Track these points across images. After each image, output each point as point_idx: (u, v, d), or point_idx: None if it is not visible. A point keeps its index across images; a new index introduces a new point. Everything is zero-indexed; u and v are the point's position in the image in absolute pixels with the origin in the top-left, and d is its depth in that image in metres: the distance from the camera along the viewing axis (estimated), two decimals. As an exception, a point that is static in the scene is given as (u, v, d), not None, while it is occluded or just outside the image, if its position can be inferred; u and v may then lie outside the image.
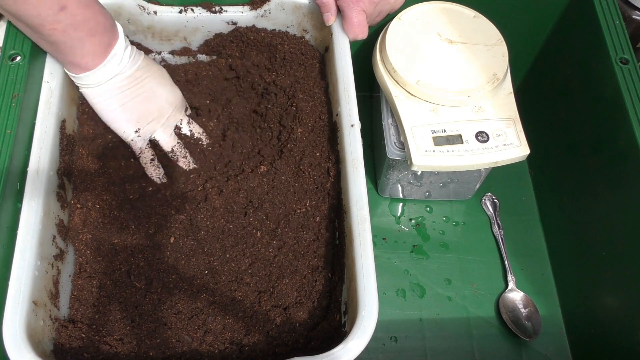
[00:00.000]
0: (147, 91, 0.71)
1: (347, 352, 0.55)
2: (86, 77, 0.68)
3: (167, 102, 0.73)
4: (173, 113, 0.74)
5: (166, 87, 0.74)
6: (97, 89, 0.69)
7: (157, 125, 0.73)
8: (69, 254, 0.67)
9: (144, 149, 0.73)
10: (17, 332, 0.55)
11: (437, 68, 0.77)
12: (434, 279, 0.88)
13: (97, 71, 0.67)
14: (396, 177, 0.87)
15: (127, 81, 0.70)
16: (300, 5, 0.78)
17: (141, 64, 0.71)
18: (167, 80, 0.75)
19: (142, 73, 0.71)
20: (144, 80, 0.71)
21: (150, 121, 0.72)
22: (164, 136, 0.74)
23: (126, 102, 0.70)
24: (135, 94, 0.70)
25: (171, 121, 0.75)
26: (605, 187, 0.77)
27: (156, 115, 0.72)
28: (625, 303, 0.74)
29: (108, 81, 0.68)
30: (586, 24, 0.79)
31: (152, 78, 0.72)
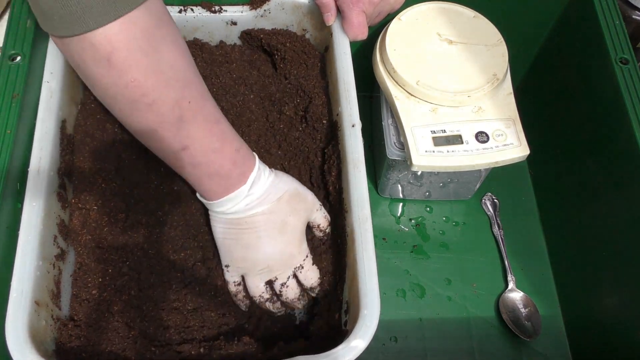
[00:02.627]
0: (250, 239, 0.68)
1: (349, 351, 0.55)
2: (204, 203, 0.68)
3: (265, 256, 0.69)
4: (268, 268, 0.69)
5: (276, 243, 0.69)
6: (211, 214, 0.69)
7: (247, 271, 0.70)
8: (70, 253, 0.67)
9: (230, 282, 0.71)
10: (20, 332, 0.55)
11: (437, 68, 0.77)
12: (434, 279, 0.88)
13: (211, 204, 0.67)
14: (396, 177, 0.87)
15: (235, 222, 0.68)
16: (300, 5, 0.78)
17: (261, 211, 0.67)
18: (284, 236, 0.69)
19: (257, 221, 0.67)
20: (255, 228, 0.68)
21: (239, 266, 0.70)
22: (251, 283, 0.70)
23: (227, 239, 0.69)
24: (238, 236, 0.68)
25: (264, 274, 0.70)
26: (605, 187, 0.77)
27: (249, 263, 0.69)
28: (625, 303, 0.74)
29: (220, 215, 0.68)
30: (586, 24, 0.80)
31: (266, 229, 0.68)
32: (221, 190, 0.65)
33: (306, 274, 0.71)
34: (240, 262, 0.69)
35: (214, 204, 0.66)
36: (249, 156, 0.67)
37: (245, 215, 0.67)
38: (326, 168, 0.72)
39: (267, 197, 0.68)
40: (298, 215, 0.70)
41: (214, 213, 0.68)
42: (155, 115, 0.58)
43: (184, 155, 0.61)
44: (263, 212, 0.67)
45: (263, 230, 0.68)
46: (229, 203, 0.66)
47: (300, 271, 0.70)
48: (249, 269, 0.69)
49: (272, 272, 0.70)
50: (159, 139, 0.60)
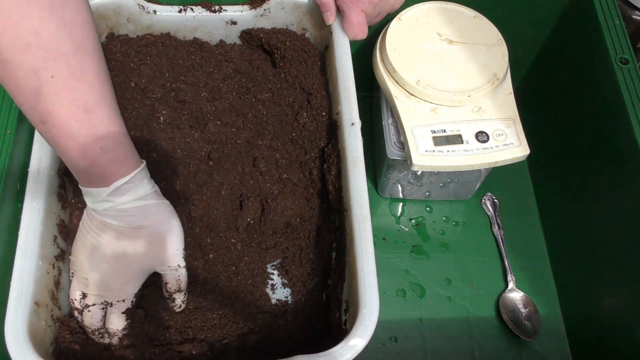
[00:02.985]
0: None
1: (348, 350, 0.55)
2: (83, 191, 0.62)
3: None
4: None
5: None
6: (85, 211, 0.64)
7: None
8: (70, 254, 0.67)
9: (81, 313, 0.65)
10: (20, 332, 0.55)
11: (437, 68, 0.77)
12: (434, 279, 0.88)
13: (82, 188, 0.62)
14: (396, 177, 0.87)
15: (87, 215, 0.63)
16: (299, 5, 0.78)
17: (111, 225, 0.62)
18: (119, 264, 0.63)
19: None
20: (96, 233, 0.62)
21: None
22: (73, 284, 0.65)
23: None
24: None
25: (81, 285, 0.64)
26: (605, 187, 0.77)
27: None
28: (625, 303, 0.74)
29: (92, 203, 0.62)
30: (586, 24, 0.80)
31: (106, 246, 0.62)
32: (79, 177, 0.60)
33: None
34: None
35: (84, 190, 0.61)
36: (121, 161, 0.60)
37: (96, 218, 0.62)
38: (326, 167, 0.72)
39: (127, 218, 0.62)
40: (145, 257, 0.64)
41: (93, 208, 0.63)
42: (11, 78, 0.53)
43: (43, 129, 0.56)
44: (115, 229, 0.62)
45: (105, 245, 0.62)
46: (87, 197, 0.61)
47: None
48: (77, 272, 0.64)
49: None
50: (19, 103, 0.55)
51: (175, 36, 0.79)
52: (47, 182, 0.63)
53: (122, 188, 0.60)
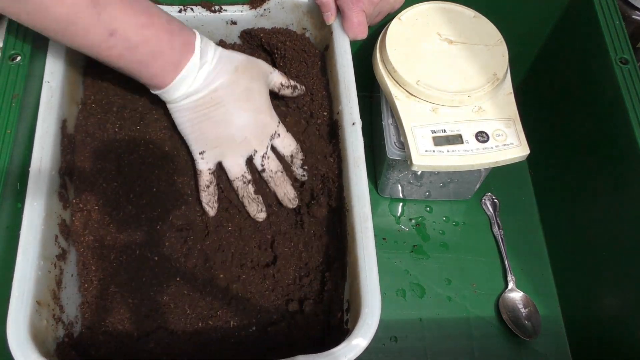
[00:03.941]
0: (220, 114, 0.66)
1: (350, 350, 0.55)
2: (161, 94, 0.65)
3: (240, 128, 0.67)
4: (246, 140, 0.68)
5: (247, 113, 0.67)
6: (173, 105, 0.67)
7: (224, 150, 0.68)
8: (71, 253, 0.67)
9: (204, 171, 0.69)
10: (22, 332, 0.55)
11: (437, 68, 0.78)
12: (434, 279, 0.88)
13: (168, 91, 0.64)
14: (396, 177, 0.87)
15: (201, 101, 0.65)
16: (299, 4, 0.78)
17: (222, 83, 0.65)
18: (254, 103, 0.68)
19: (222, 94, 0.66)
20: (222, 102, 0.66)
21: (215, 146, 0.68)
22: (230, 163, 0.69)
23: (195, 123, 0.67)
24: (206, 115, 0.66)
25: (242, 149, 0.68)
26: (605, 187, 0.77)
27: (225, 141, 0.68)
28: (625, 303, 0.74)
29: (183, 100, 0.65)
30: (586, 24, 0.80)
31: (233, 100, 0.66)
32: (171, 68, 0.63)
33: (284, 141, 0.70)
34: (216, 143, 0.67)
35: (171, 88, 0.64)
36: (185, 28, 0.64)
37: (208, 91, 0.65)
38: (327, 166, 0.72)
39: (224, 68, 0.66)
40: (259, 82, 0.69)
41: (174, 102, 0.66)
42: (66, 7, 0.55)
43: (116, 41, 0.58)
44: (225, 84, 0.66)
45: (230, 102, 0.66)
46: (186, 79, 0.63)
47: (277, 139, 0.69)
48: (227, 147, 0.68)
49: (251, 145, 0.68)
50: (81, 32, 0.57)
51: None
52: (48, 181, 0.63)
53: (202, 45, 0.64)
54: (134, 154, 0.72)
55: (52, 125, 0.66)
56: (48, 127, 0.66)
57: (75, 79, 0.73)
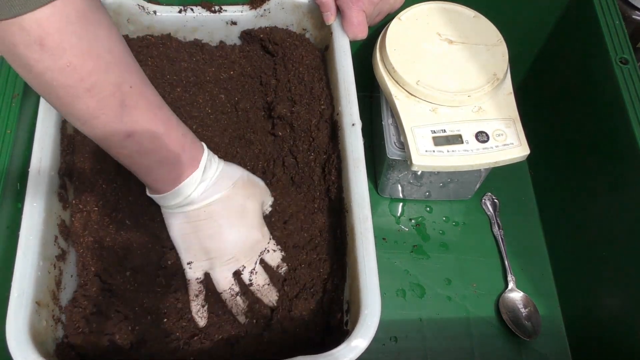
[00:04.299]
0: (212, 229, 0.67)
1: (350, 351, 0.55)
2: (155, 198, 0.66)
3: (230, 245, 0.68)
4: (235, 257, 0.69)
5: (238, 230, 0.68)
6: (164, 209, 0.67)
7: (212, 264, 0.68)
8: (70, 254, 0.67)
9: (192, 280, 0.69)
10: (21, 332, 0.55)
11: (437, 68, 0.77)
12: (434, 279, 0.88)
13: (164, 197, 0.65)
14: (396, 177, 0.87)
15: (194, 213, 0.66)
16: (299, 5, 0.78)
17: (219, 199, 0.66)
18: (245, 221, 0.69)
19: (216, 209, 0.66)
20: (215, 217, 0.66)
21: (204, 259, 0.68)
22: (217, 276, 0.69)
23: (186, 233, 0.67)
24: (197, 228, 0.67)
25: (231, 264, 0.69)
26: (605, 187, 0.77)
27: (214, 255, 0.68)
28: (625, 303, 0.74)
29: (175, 208, 0.66)
30: (586, 24, 0.80)
31: (226, 216, 0.67)
32: (172, 178, 0.63)
33: (272, 255, 0.70)
34: (204, 256, 0.68)
35: (167, 196, 0.64)
36: (196, 142, 0.65)
37: (202, 204, 0.65)
38: (326, 167, 0.72)
39: (222, 184, 0.66)
40: (253, 200, 0.70)
41: (168, 208, 0.66)
42: (95, 102, 0.54)
43: (129, 143, 0.59)
44: (220, 199, 0.66)
45: (223, 218, 0.67)
46: (184, 192, 0.64)
47: (266, 254, 0.70)
48: (215, 261, 0.68)
49: (239, 262, 0.69)
50: (102, 126, 0.57)
51: (175, 37, 0.79)
52: (48, 182, 0.63)
53: (207, 162, 0.65)
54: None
55: (52, 126, 0.66)
56: (48, 127, 0.66)
57: (75, 79, 0.73)
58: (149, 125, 0.59)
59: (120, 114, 0.56)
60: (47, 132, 0.65)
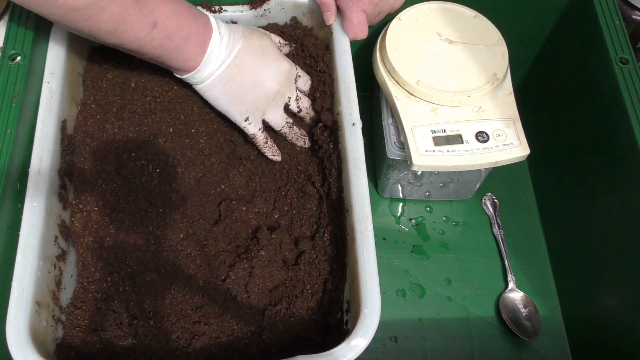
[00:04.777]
0: (249, 76, 0.71)
1: (350, 350, 0.55)
2: (191, 77, 0.69)
3: (272, 82, 0.73)
4: (279, 92, 0.73)
5: (270, 67, 0.72)
6: (204, 84, 0.70)
7: (264, 108, 0.73)
8: (70, 254, 0.67)
9: (257, 134, 0.74)
10: (21, 332, 0.55)
11: (437, 68, 0.77)
12: (434, 279, 0.88)
13: (199, 70, 0.68)
14: (396, 177, 0.87)
15: (229, 71, 0.70)
16: (299, 4, 0.78)
17: (240, 48, 0.70)
18: (270, 56, 0.73)
19: (243, 58, 0.70)
20: (246, 66, 0.70)
21: (256, 109, 0.73)
22: (273, 117, 0.74)
23: (233, 94, 0.71)
24: (239, 83, 0.71)
25: (279, 101, 0.74)
26: (605, 187, 0.77)
27: (263, 99, 0.72)
28: (625, 303, 0.74)
29: (212, 76, 0.69)
30: (586, 24, 0.80)
31: (254, 60, 0.71)
32: (200, 49, 0.67)
33: (303, 78, 0.77)
34: (255, 105, 0.72)
35: (201, 68, 0.68)
36: (197, 9, 0.69)
37: (230, 60, 0.69)
38: (326, 167, 0.72)
39: (235, 37, 0.70)
40: (264, 38, 0.74)
41: (203, 82, 0.70)
42: (118, 7, 0.59)
43: (157, 33, 0.63)
44: (242, 49, 0.70)
45: (252, 62, 0.71)
46: (212, 56, 0.68)
47: (299, 80, 0.76)
48: (265, 104, 0.73)
49: (284, 95, 0.74)
50: (129, 29, 0.61)
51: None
52: (48, 182, 0.63)
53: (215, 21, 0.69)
54: (134, 154, 0.72)
55: (52, 126, 0.66)
56: (48, 127, 0.66)
57: (74, 80, 0.73)
58: (164, 9, 0.63)
59: (139, 9, 0.61)
60: (47, 132, 0.65)
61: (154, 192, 0.72)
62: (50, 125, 0.66)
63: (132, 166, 0.72)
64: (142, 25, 0.61)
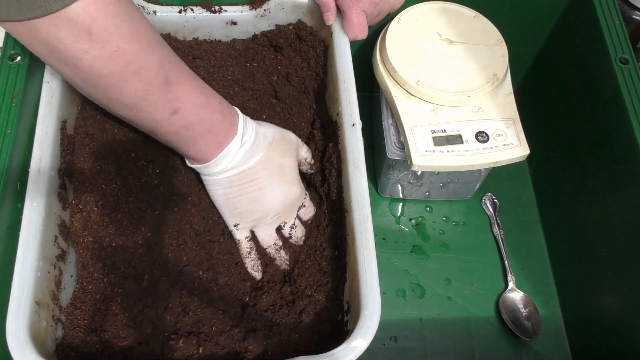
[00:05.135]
0: (256, 190, 0.70)
1: (350, 351, 0.55)
2: (198, 168, 0.68)
3: (274, 204, 0.71)
4: (278, 215, 0.73)
5: (280, 188, 0.71)
6: (209, 178, 0.69)
7: (257, 223, 0.72)
8: (70, 254, 0.67)
9: (242, 240, 0.73)
10: (21, 332, 0.55)
11: (437, 68, 0.77)
12: (434, 279, 0.88)
13: (209, 166, 0.67)
14: (396, 177, 0.87)
15: (237, 177, 0.68)
16: (299, 5, 0.78)
17: (259, 160, 0.69)
18: (285, 179, 0.72)
19: (257, 171, 0.69)
20: (257, 179, 0.69)
21: (249, 220, 0.72)
22: (263, 234, 0.73)
23: (231, 198, 0.70)
24: (242, 191, 0.69)
25: (274, 222, 0.73)
26: (605, 187, 0.77)
27: (259, 215, 0.71)
28: (625, 303, 0.74)
29: (219, 175, 0.68)
30: (586, 24, 0.80)
31: (268, 177, 0.70)
32: (215, 147, 0.65)
33: (307, 209, 0.75)
34: (250, 216, 0.71)
35: (211, 164, 0.66)
36: (231, 107, 0.68)
37: (244, 168, 0.68)
38: (326, 168, 0.72)
39: (259, 145, 0.69)
40: (290, 156, 0.72)
41: (211, 177, 0.68)
42: (143, 84, 0.56)
43: (176, 119, 0.61)
44: (260, 161, 0.69)
45: (265, 179, 0.69)
46: (226, 158, 0.66)
47: (303, 209, 0.74)
48: (260, 220, 0.71)
49: (282, 218, 0.73)
50: (149, 108, 0.59)
51: (175, 37, 0.79)
52: (48, 182, 0.63)
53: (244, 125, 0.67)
54: (133, 155, 0.72)
55: (52, 126, 0.66)
56: (48, 127, 0.65)
57: (74, 80, 0.73)
58: (192, 98, 0.61)
59: (165, 92, 0.58)
60: (47, 132, 0.65)
61: (154, 193, 0.72)
62: (50, 126, 0.66)
63: (131, 167, 0.72)
64: (164, 108, 0.60)
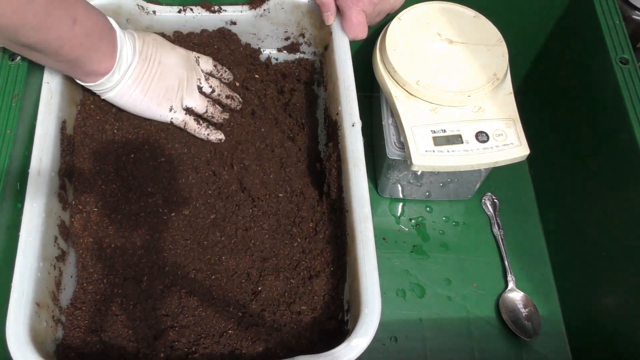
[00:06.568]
0: (157, 68, 0.72)
1: (350, 350, 0.55)
2: (107, 80, 0.68)
3: (177, 68, 0.73)
4: (188, 76, 0.74)
5: (170, 54, 0.74)
6: (118, 88, 0.70)
7: (181, 94, 0.74)
8: (70, 254, 0.67)
9: (185, 118, 0.74)
10: (21, 333, 0.55)
11: (437, 68, 0.77)
12: (434, 279, 0.88)
13: (114, 72, 0.67)
14: (396, 177, 0.87)
15: (139, 66, 0.70)
16: (299, 5, 0.78)
17: (144, 42, 0.71)
18: (165, 45, 0.74)
19: (147, 52, 0.71)
20: (151, 57, 0.71)
21: (175, 94, 0.73)
22: (193, 101, 0.75)
23: (148, 88, 0.71)
24: (150, 76, 0.71)
25: (191, 84, 0.75)
26: (605, 187, 0.77)
27: (176, 85, 0.73)
28: (625, 303, 0.74)
29: (126, 74, 0.69)
30: (586, 24, 0.80)
31: (155, 52, 0.72)
32: (112, 47, 0.67)
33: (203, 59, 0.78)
34: (171, 93, 0.73)
35: (115, 70, 0.67)
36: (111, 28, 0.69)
37: (137, 54, 0.70)
38: (326, 167, 0.72)
39: (131, 32, 0.71)
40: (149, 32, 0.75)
41: (118, 85, 0.69)
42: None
43: (78, 30, 0.62)
44: (146, 41, 0.72)
45: (155, 54, 0.72)
46: (124, 53, 0.68)
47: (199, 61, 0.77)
48: (181, 89, 0.74)
49: (193, 77, 0.75)
50: (55, 24, 0.60)
51: (175, 37, 0.80)
52: (48, 182, 0.63)
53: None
54: (133, 155, 0.72)
55: (52, 126, 0.66)
56: (47, 128, 0.66)
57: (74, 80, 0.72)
58: (80, 5, 0.63)
59: (63, 4, 0.60)
60: (47, 132, 0.65)
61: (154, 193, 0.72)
62: (50, 126, 0.66)
63: (131, 167, 0.72)
64: (66, 20, 0.60)
